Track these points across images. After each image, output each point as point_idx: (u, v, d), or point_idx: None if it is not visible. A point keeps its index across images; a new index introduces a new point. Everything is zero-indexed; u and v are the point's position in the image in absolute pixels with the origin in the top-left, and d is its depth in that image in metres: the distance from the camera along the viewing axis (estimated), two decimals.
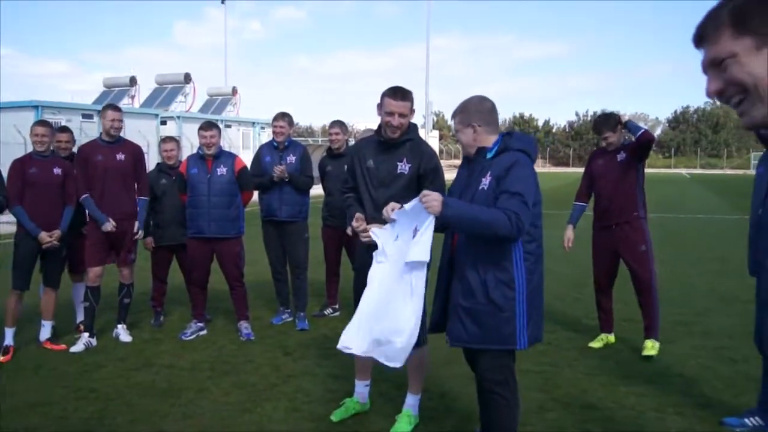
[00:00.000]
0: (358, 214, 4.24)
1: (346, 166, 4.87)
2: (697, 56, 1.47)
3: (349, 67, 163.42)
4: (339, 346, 3.84)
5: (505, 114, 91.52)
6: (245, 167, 6.66)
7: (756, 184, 4.21)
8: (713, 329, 6.83)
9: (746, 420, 4.40)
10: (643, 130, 6.00)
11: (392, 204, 3.73)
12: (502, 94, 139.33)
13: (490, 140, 3.66)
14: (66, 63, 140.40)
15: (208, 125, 6.55)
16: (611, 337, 6.31)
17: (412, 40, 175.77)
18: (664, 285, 6.07)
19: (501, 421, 3.66)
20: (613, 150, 6.11)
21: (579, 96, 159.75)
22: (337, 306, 7.47)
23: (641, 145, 5.98)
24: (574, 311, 7.51)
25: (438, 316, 3.85)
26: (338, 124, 7.35)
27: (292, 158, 7.03)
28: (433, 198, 3.33)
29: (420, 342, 4.28)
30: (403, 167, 4.26)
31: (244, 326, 6.61)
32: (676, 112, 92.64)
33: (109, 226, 6.16)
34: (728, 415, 4.55)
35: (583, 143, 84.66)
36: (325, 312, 7.42)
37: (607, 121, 6.15)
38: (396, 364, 3.68)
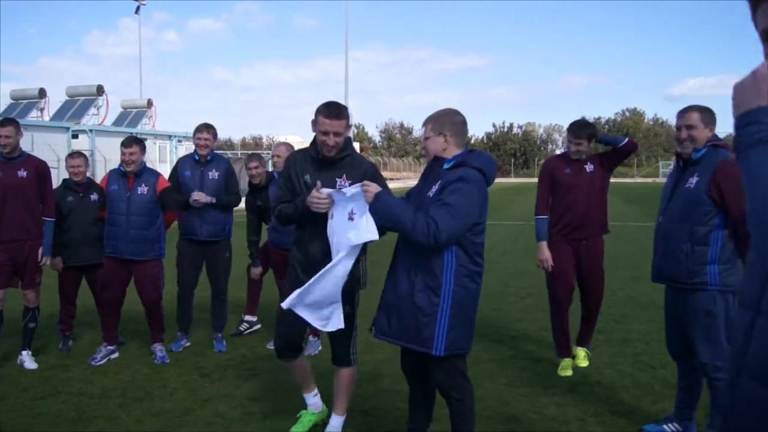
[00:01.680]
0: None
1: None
2: (606, 69, 1.36)
3: (269, 79, 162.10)
4: (283, 305, 4.07)
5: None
6: (169, 187, 6.33)
7: (662, 194, 4.40)
8: (631, 336, 6.97)
9: (665, 426, 4.48)
10: (626, 139, 5.82)
11: (326, 190, 3.93)
12: (420, 105, 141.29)
13: (454, 152, 3.77)
14: None
15: (129, 141, 6.21)
16: (572, 360, 5.96)
17: (331, 53, 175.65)
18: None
19: (461, 421, 3.83)
20: (577, 159, 5.76)
21: (496, 108, 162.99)
22: (255, 318, 7.26)
23: (623, 153, 5.80)
24: (492, 322, 7.53)
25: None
26: (257, 157, 6.99)
27: (215, 174, 6.68)
28: (371, 188, 3.68)
29: (350, 361, 4.37)
30: (343, 183, 4.15)
31: (159, 349, 6.34)
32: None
33: None
34: (648, 422, 4.62)
35: (500, 154, 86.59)
36: (241, 328, 7.21)
37: (586, 127, 5.76)
38: (330, 327, 4.03)
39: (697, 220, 4.00)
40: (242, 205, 7.05)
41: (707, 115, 4.15)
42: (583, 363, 5.96)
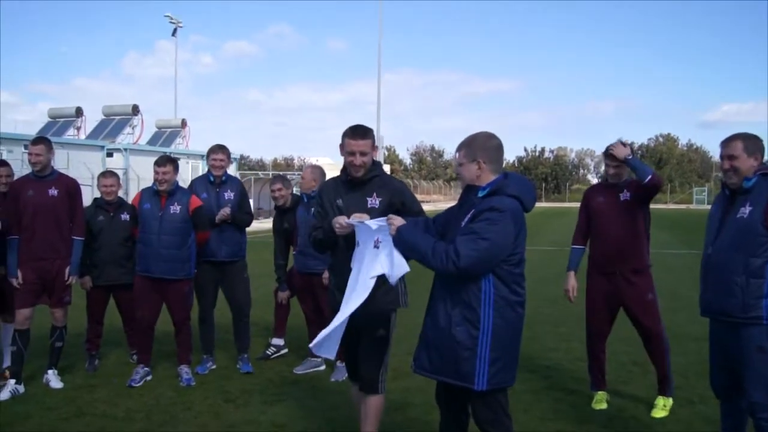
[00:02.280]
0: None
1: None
2: (639, 94, 1.19)
3: (301, 102, 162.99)
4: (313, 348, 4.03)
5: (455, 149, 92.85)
6: (201, 206, 6.30)
7: (708, 224, 4.20)
8: None
9: None
10: (650, 175, 5.25)
11: (360, 214, 3.94)
12: (450, 128, 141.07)
13: (489, 179, 3.61)
14: (11, 92, 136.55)
15: (163, 161, 6.19)
16: (605, 394, 5.75)
17: (363, 76, 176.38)
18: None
19: None
20: (613, 185, 5.51)
21: (527, 132, 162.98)
22: (282, 342, 7.16)
23: (648, 190, 5.32)
24: (526, 351, 7.29)
25: None
26: (280, 180, 6.97)
27: (230, 194, 6.68)
28: (395, 222, 3.68)
29: (378, 389, 4.25)
30: (374, 202, 4.20)
31: (185, 371, 6.27)
32: None
33: (15, 282, 5.84)
34: None
35: (532, 178, 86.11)
36: (268, 352, 7.10)
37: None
38: (320, 352, 3.99)
39: (751, 252, 3.81)
40: (259, 225, 6.97)
41: (751, 143, 3.97)
42: (660, 414, 5.43)
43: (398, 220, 3.70)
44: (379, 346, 4.18)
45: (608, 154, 5.50)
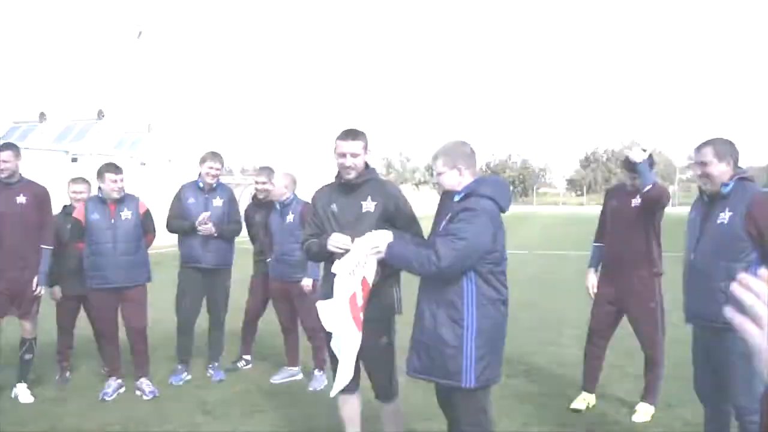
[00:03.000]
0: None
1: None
2: (605, 99, 1.17)
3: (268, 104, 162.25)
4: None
5: (424, 156, 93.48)
6: (148, 210, 6.23)
7: (688, 229, 4.19)
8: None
9: None
10: (649, 186, 4.97)
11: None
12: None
13: (467, 183, 3.71)
14: None
15: (118, 168, 6.04)
16: (592, 397, 5.71)
17: None
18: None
19: None
20: (628, 192, 5.39)
21: (492, 137, 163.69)
22: (249, 357, 7.04)
23: (646, 199, 5.09)
24: (508, 353, 7.29)
25: None
26: (266, 172, 6.81)
27: (219, 201, 6.55)
28: (380, 244, 3.72)
29: (394, 391, 4.32)
30: (368, 206, 4.19)
31: (146, 383, 6.08)
32: (587, 152, 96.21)
33: None
34: None
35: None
36: (239, 364, 6.95)
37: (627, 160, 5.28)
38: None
39: (733, 257, 3.82)
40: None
41: (721, 148, 3.96)
42: (642, 418, 5.39)
43: (383, 241, 3.73)
44: (385, 354, 4.19)
45: (625, 164, 5.36)
